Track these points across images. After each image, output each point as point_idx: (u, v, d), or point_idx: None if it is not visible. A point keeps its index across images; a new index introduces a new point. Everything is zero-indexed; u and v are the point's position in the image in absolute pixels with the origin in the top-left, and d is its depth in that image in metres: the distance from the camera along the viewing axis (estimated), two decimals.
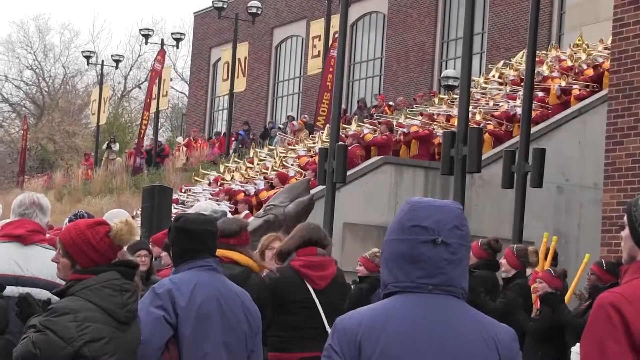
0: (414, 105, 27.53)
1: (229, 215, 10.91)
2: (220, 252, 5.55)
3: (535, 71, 16.15)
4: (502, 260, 9.55)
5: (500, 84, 23.92)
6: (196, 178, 27.29)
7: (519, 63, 24.05)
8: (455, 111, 19.11)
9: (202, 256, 5.09)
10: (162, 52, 37.58)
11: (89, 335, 4.39)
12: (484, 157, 15.07)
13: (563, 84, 20.85)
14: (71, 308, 4.43)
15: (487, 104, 22.10)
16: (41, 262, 5.21)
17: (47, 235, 6.01)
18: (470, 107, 15.90)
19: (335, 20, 25.48)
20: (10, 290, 5.19)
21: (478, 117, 20.57)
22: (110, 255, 4.64)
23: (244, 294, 5.20)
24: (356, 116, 27.25)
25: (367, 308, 3.15)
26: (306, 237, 6.68)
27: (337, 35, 20.93)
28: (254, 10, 34.57)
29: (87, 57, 43.75)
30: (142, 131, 36.52)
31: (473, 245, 8.96)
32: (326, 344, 3.11)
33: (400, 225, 3.13)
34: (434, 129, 21.03)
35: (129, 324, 4.59)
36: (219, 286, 5.07)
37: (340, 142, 16.50)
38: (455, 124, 15.30)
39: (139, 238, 12.31)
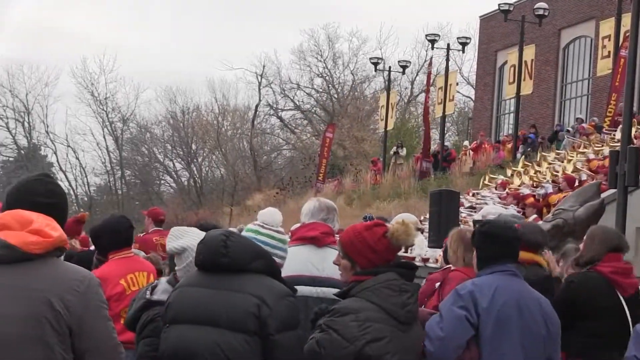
0: None
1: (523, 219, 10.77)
2: (522, 254, 5.59)
3: None
4: None
5: None
6: (484, 182, 27.19)
7: None
8: None
9: (504, 261, 5.18)
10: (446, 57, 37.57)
11: (370, 334, 4.50)
12: None
13: None
14: (353, 308, 4.56)
15: None
16: None
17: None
18: None
19: (627, 19, 24.60)
20: (308, 290, 5.39)
21: None
22: (389, 256, 4.73)
23: (544, 300, 5.25)
24: None
25: None
26: (614, 243, 6.57)
27: (628, 35, 20.24)
28: (540, 12, 34.02)
29: (375, 64, 44.55)
30: (427, 135, 36.68)
31: None
32: (629, 354, 3.07)
33: None
34: None
35: (410, 324, 4.66)
36: (519, 290, 5.15)
37: (632, 145, 15.96)
38: None
39: (417, 240, 12.45)
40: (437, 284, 6.57)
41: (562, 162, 24.67)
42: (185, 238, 5.02)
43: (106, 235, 6.82)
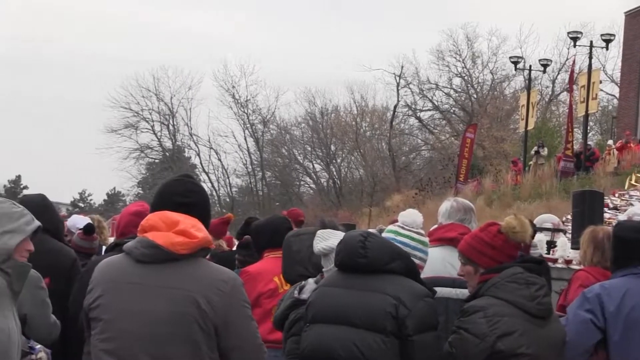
0: None
1: None
2: None
3: None
4: None
5: None
6: (630, 182, 26.53)
7: None
8: None
9: (637, 263, 5.02)
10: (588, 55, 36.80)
11: (500, 329, 4.47)
12: None
13: None
14: (480, 306, 4.55)
15: None
16: None
17: None
18: None
19: None
20: (448, 291, 5.37)
21: None
22: (509, 251, 4.71)
23: None
24: None
25: None
26: None
27: None
28: None
29: (515, 63, 43.97)
30: (569, 135, 35.98)
31: None
32: None
33: None
34: None
35: (546, 319, 4.60)
36: None
37: None
38: None
39: (559, 241, 12.19)
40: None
41: None
42: (332, 239, 5.06)
43: (266, 233, 6.96)
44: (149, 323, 3.90)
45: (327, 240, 5.11)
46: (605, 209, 18.63)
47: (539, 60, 42.71)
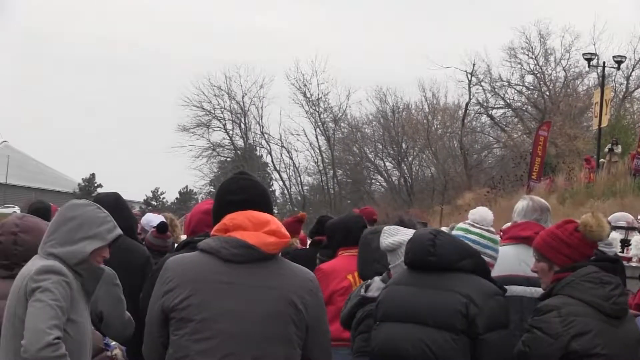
0: None
1: None
2: None
3: None
4: None
5: None
6: None
7: None
8: None
9: None
10: None
11: (574, 329, 4.43)
12: None
13: None
14: (554, 305, 4.50)
15: None
16: None
17: None
18: None
19: None
20: (522, 289, 5.34)
21: None
22: (585, 250, 4.67)
23: None
24: None
25: None
26: None
27: None
28: None
29: (588, 60, 43.40)
30: None
31: None
32: None
33: None
34: None
35: (621, 319, 4.55)
36: None
37: None
38: None
39: (633, 240, 12.03)
40: None
41: None
42: (399, 235, 5.07)
43: (339, 231, 6.98)
44: (249, 323, 3.88)
45: (394, 236, 5.11)
46: None
47: (613, 57, 42.13)
